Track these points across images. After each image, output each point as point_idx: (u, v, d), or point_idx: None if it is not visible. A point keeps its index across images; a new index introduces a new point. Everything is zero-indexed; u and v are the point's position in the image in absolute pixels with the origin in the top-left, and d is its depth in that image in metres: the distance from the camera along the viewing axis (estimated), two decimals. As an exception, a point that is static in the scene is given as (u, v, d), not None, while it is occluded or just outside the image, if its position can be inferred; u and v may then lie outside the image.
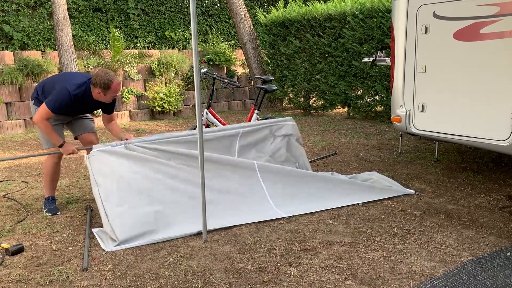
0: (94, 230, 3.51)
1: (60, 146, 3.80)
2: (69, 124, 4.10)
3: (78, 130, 4.12)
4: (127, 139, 3.83)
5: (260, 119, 5.67)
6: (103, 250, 3.18)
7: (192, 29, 3.10)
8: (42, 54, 9.19)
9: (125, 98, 9.49)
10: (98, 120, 7.38)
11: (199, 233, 3.36)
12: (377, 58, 5.82)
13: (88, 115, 4.22)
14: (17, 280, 2.76)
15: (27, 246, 3.24)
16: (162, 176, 3.68)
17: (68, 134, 4.51)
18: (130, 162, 3.62)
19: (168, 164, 3.74)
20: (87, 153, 3.83)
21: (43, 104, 3.69)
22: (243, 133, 4.26)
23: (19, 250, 3.15)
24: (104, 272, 2.85)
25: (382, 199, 4.11)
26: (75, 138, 4.17)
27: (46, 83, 3.96)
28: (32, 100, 3.98)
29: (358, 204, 4.00)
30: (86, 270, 2.87)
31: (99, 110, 4.09)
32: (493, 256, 2.99)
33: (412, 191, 4.32)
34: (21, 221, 3.75)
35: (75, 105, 3.80)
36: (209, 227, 3.37)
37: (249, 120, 5.60)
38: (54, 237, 3.40)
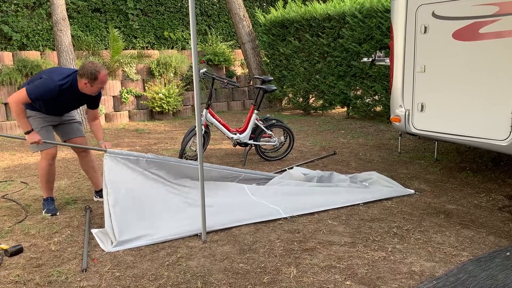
0: (93, 230, 3.51)
1: (27, 133, 3.66)
2: (58, 128, 4.04)
3: (67, 134, 4.07)
4: (105, 147, 3.82)
5: (260, 120, 5.67)
6: (103, 250, 3.17)
7: (191, 29, 3.09)
8: (41, 54, 9.19)
9: (124, 98, 9.49)
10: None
11: (198, 234, 3.36)
12: (376, 58, 5.82)
13: (77, 118, 4.17)
14: (16, 281, 2.75)
15: (26, 247, 3.23)
16: (166, 186, 3.91)
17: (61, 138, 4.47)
18: (138, 170, 3.80)
19: (173, 179, 4.00)
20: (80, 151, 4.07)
21: (23, 88, 3.57)
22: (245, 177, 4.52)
23: (18, 251, 3.14)
24: (103, 273, 2.84)
25: (382, 199, 4.11)
26: (64, 141, 4.13)
27: (31, 80, 3.85)
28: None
29: (358, 204, 4.00)
30: (85, 271, 2.86)
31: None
32: (493, 256, 2.98)
33: (412, 191, 4.32)
34: (20, 221, 3.74)
35: (61, 99, 3.73)
36: (208, 224, 3.37)
37: (249, 120, 5.59)
38: (53, 238, 3.40)
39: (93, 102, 3.97)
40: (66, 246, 3.25)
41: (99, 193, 4.23)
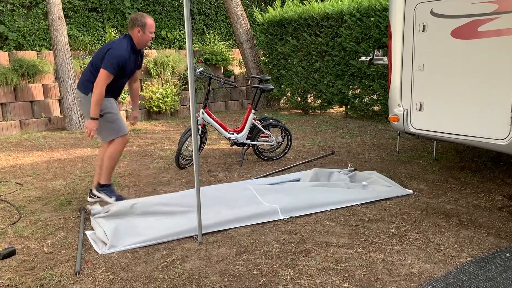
0: (88, 232, 3.46)
1: (94, 119, 3.80)
2: None
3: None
4: (135, 117, 4.43)
5: (257, 119, 5.62)
6: (96, 252, 3.12)
7: (186, 28, 3.05)
8: (37, 54, 9.12)
9: (122, 98, 9.43)
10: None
11: (194, 236, 3.32)
12: (374, 57, 5.78)
13: None
14: (8, 284, 2.70)
15: (19, 249, 3.18)
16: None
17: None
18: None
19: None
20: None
21: (102, 70, 3.74)
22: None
23: (10, 253, 3.09)
24: (96, 276, 2.79)
25: (380, 200, 4.07)
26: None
27: (88, 68, 3.92)
28: (87, 94, 3.90)
29: (356, 204, 3.95)
30: (78, 274, 2.81)
31: None
32: (493, 257, 2.94)
33: (411, 191, 4.27)
34: (14, 223, 3.69)
35: (128, 62, 3.88)
36: (204, 223, 3.33)
37: (246, 120, 5.54)
38: (47, 240, 3.34)
39: (140, 63, 4.20)
40: (60, 248, 3.20)
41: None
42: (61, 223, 3.68)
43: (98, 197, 4.13)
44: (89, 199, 4.21)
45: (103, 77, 3.75)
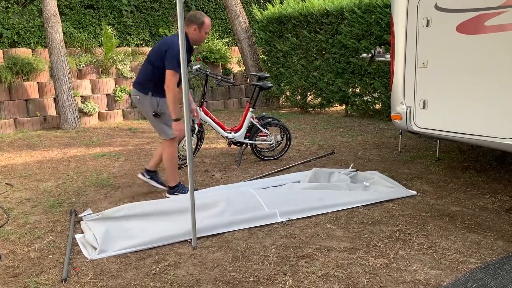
0: (77, 236, 3.30)
1: (176, 120, 3.80)
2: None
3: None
4: (194, 109, 4.72)
5: (256, 118, 5.47)
6: (85, 258, 2.96)
7: (179, 26, 2.91)
8: (32, 52, 8.96)
9: (118, 96, 9.27)
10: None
11: (188, 240, 3.17)
12: (376, 54, 5.63)
13: None
14: (-10, 293, 2.56)
15: (4, 254, 3.03)
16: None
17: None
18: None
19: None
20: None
21: (168, 71, 3.74)
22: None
23: (-5, 259, 2.94)
24: (84, 283, 2.64)
25: (382, 201, 3.92)
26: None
27: (146, 67, 3.92)
28: (146, 94, 3.94)
29: (358, 206, 3.80)
30: (65, 281, 2.66)
31: None
32: (502, 262, 2.79)
33: (414, 192, 4.12)
34: (1, 226, 3.53)
35: (186, 58, 3.84)
36: (199, 227, 3.18)
37: (244, 118, 5.39)
38: (34, 244, 3.19)
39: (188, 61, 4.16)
40: (47, 253, 3.05)
41: (149, 173, 4.33)
42: (50, 226, 3.52)
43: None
44: (139, 175, 4.37)
45: (172, 78, 3.76)
